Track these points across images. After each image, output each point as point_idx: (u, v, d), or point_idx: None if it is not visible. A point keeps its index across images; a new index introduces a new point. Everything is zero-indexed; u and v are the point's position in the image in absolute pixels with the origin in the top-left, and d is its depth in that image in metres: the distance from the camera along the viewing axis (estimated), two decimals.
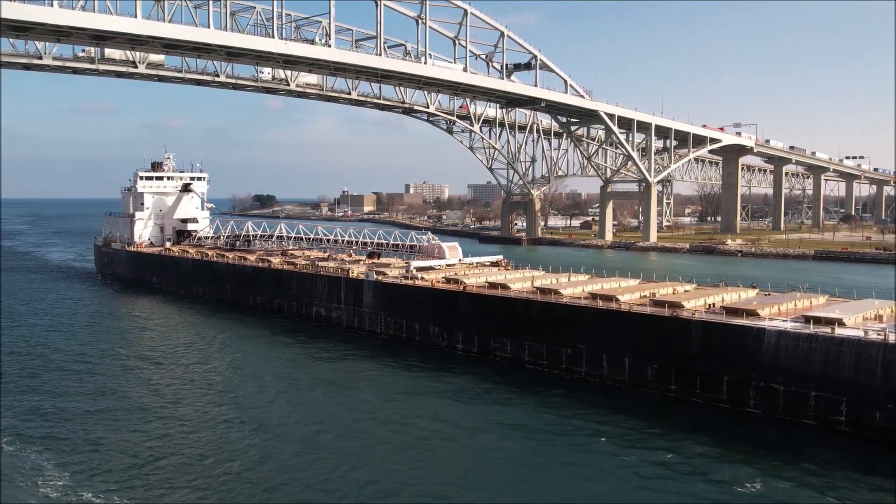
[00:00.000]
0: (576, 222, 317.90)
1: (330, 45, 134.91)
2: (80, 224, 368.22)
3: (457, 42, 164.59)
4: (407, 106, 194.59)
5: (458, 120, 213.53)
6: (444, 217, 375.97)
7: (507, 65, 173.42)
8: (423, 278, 78.09)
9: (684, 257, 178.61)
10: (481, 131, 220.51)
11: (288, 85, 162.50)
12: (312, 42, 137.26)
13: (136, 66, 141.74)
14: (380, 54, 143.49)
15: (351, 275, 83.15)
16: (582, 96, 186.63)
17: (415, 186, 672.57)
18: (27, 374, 60.70)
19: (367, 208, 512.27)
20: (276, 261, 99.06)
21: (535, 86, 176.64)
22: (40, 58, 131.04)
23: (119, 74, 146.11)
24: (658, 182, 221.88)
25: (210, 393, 56.55)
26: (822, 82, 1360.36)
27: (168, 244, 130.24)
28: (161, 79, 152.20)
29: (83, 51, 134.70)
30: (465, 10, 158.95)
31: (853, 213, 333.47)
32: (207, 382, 59.78)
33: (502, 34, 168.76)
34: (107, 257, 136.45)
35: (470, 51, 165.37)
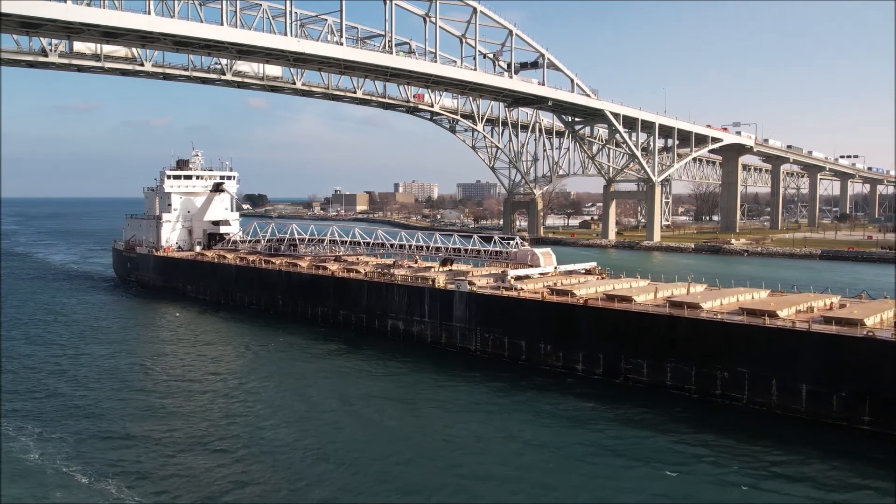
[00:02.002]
0: (574, 221, 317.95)
1: (342, 44, 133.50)
2: (74, 224, 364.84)
3: (464, 40, 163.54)
4: (411, 105, 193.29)
5: (461, 119, 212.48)
6: (440, 216, 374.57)
7: (513, 63, 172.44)
8: (522, 289, 70.87)
9: (691, 257, 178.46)
10: (483, 130, 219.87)
11: (294, 83, 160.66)
12: (318, 40, 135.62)
13: (143, 65, 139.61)
14: (391, 52, 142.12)
15: (436, 284, 75.07)
16: (588, 95, 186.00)
17: (404, 185, 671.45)
18: (79, 395, 56.65)
19: (359, 207, 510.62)
20: (334, 267, 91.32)
21: (543, 84, 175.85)
22: (46, 55, 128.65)
23: (124, 73, 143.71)
24: (659, 181, 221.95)
25: (302, 417, 51.20)
26: (820, 81, 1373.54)
27: (198, 248, 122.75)
28: (166, 77, 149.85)
29: (51, 43, 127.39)
30: (475, 9, 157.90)
31: (847, 211, 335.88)
32: (296, 405, 53.85)
33: (510, 32, 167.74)
34: (130, 262, 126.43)
35: (477, 49, 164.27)
